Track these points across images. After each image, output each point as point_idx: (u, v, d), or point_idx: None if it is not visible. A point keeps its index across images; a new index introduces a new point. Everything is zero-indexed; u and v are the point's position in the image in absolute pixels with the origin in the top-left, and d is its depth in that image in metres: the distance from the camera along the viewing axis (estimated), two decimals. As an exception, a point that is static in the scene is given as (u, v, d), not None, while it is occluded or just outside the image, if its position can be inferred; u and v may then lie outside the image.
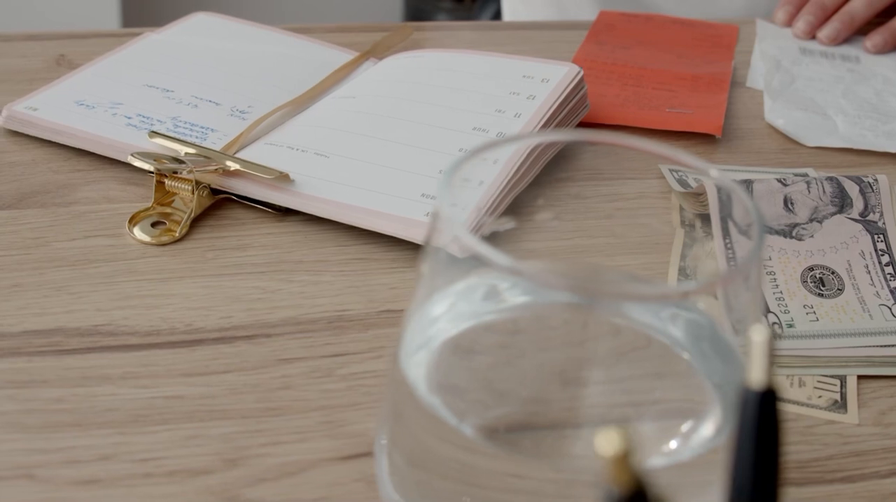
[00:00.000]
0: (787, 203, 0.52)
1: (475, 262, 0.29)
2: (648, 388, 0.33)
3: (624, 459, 0.18)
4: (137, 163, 0.52)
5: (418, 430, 0.32)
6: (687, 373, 0.34)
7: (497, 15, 1.19)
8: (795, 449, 0.43)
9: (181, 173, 0.52)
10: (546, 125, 0.58)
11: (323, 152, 0.56)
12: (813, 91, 0.71)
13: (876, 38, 0.77)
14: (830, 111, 0.68)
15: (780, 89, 0.70)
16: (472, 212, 0.51)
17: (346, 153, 0.56)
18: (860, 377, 0.46)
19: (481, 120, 0.58)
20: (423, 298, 0.32)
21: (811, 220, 0.52)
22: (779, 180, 0.53)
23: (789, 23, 0.80)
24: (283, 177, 0.53)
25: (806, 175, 0.59)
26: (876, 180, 0.53)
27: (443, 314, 0.33)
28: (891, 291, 0.49)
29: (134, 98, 0.60)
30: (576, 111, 0.62)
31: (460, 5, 2.33)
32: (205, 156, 0.54)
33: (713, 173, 0.33)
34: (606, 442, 0.18)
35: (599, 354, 0.34)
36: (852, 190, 0.53)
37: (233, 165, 0.53)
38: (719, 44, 0.77)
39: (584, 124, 0.64)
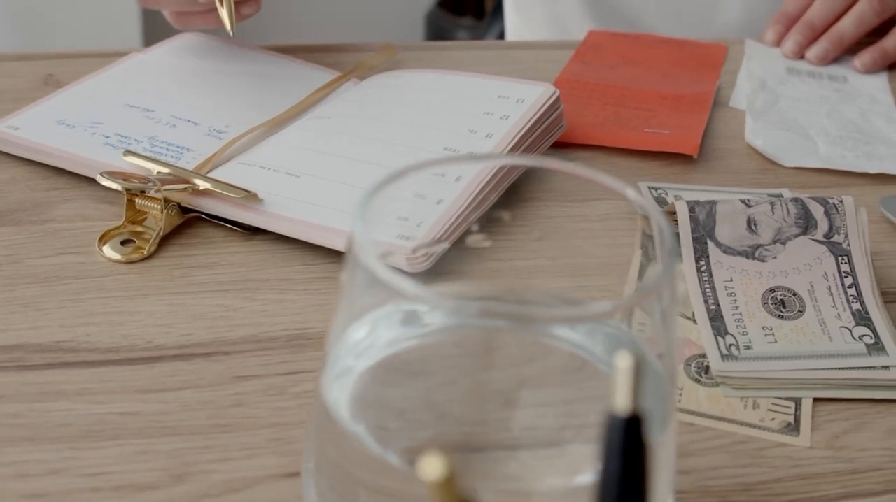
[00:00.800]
0: (751, 224, 0.52)
1: (392, 287, 0.29)
2: (570, 407, 0.34)
3: (448, 484, 0.18)
4: (105, 183, 0.53)
5: (341, 457, 0.32)
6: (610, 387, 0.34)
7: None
8: (743, 471, 0.43)
9: (149, 192, 0.53)
10: (517, 145, 0.58)
11: (294, 172, 0.57)
12: (796, 111, 0.71)
13: (865, 57, 0.77)
14: (812, 131, 0.68)
15: (763, 109, 0.70)
16: (427, 230, 0.51)
17: (317, 173, 0.57)
18: (816, 400, 0.46)
19: (453, 140, 0.59)
20: (344, 324, 0.33)
21: (774, 242, 0.52)
22: (743, 201, 0.53)
23: (779, 42, 0.79)
24: (251, 197, 0.54)
25: (780, 195, 0.59)
26: (841, 201, 0.53)
27: (363, 339, 0.34)
28: (852, 313, 0.49)
29: (113, 118, 0.61)
30: (550, 131, 0.62)
31: (480, 22, 2.34)
32: (174, 175, 0.55)
33: (629, 194, 0.34)
34: (429, 468, 0.18)
35: (521, 375, 0.34)
36: (817, 211, 0.52)
37: (202, 184, 0.54)
38: (706, 63, 0.77)
39: (560, 144, 0.64)
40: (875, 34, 0.79)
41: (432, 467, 0.18)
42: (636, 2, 0.93)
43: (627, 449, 0.22)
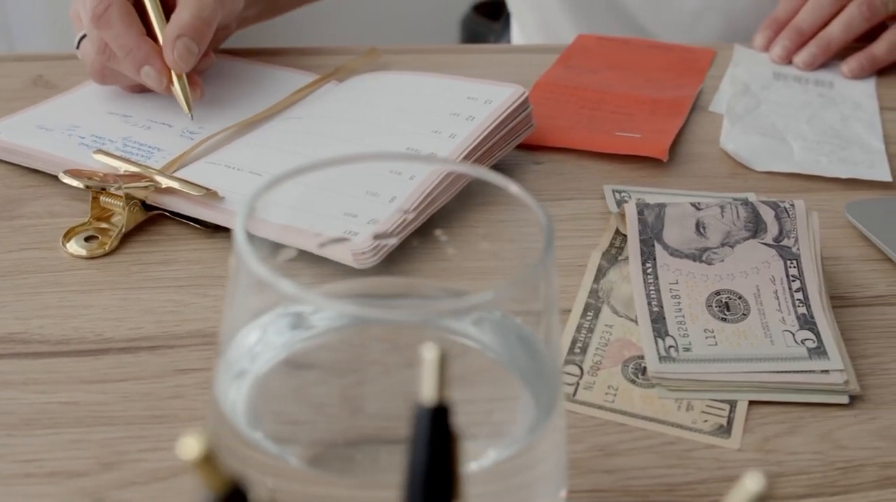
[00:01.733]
0: (700, 227, 0.52)
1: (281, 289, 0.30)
2: (464, 395, 0.34)
3: (208, 462, 0.19)
4: (67, 180, 0.54)
5: (239, 463, 0.33)
6: (500, 376, 0.35)
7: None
8: (668, 472, 0.43)
9: (110, 189, 0.54)
10: (479, 146, 0.59)
11: (257, 171, 0.58)
12: (776, 116, 0.70)
13: (853, 62, 0.76)
14: (790, 136, 0.68)
15: (742, 114, 0.70)
16: (376, 227, 0.52)
17: (279, 172, 0.57)
18: (753, 403, 0.46)
19: (417, 140, 0.59)
20: (234, 327, 0.33)
21: (723, 245, 0.52)
22: (693, 204, 0.53)
23: (768, 47, 0.79)
24: (211, 195, 0.55)
25: (746, 200, 0.59)
26: (793, 205, 0.53)
27: (254, 344, 0.34)
28: (797, 317, 0.49)
29: (91, 121, 0.63)
30: (517, 131, 0.62)
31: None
32: (139, 173, 0.56)
33: (512, 189, 0.34)
34: (185, 448, 0.19)
35: (412, 368, 0.35)
36: (767, 215, 0.52)
37: (165, 182, 0.55)
38: (692, 68, 0.77)
39: (528, 145, 0.65)
40: (864, 40, 0.78)
41: (188, 447, 0.19)
42: (613, 13, 0.93)
43: (434, 439, 0.22)
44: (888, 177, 0.63)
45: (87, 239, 0.55)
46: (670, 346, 0.47)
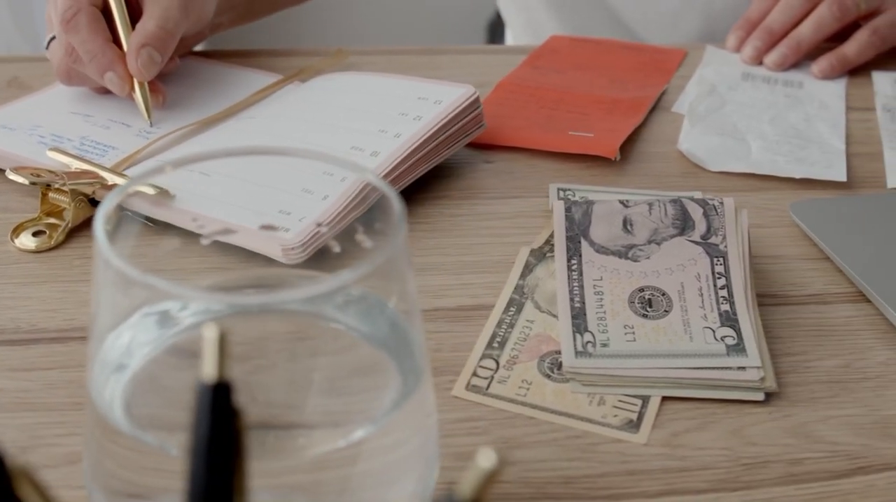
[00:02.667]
0: (627, 224, 0.52)
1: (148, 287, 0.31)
2: (329, 374, 0.35)
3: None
4: (12, 177, 0.56)
5: (120, 459, 0.34)
6: (368, 357, 0.36)
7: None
8: (569, 464, 0.43)
9: (56, 185, 0.56)
10: (424, 145, 0.60)
11: (206, 170, 0.59)
12: (739, 116, 0.70)
13: (823, 63, 0.76)
14: (749, 136, 0.68)
15: (704, 114, 0.70)
16: (308, 225, 0.53)
17: (226, 171, 0.58)
18: (668, 398, 0.47)
19: (362, 139, 0.60)
20: (106, 327, 0.34)
21: (649, 242, 0.52)
22: (621, 201, 0.53)
23: (739, 48, 0.79)
24: (162, 194, 0.56)
25: (675, 197, 0.59)
26: (721, 203, 0.53)
27: (127, 342, 0.35)
28: (720, 314, 0.49)
29: (53, 121, 0.64)
30: (466, 131, 0.63)
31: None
32: (87, 171, 0.57)
33: (369, 177, 0.35)
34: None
35: (282, 353, 0.36)
36: (696, 212, 0.53)
37: (111, 179, 0.57)
38: (661, 69, 0.77)
39: (482, 144, 0.65)
40: (838, 40, 0.78)
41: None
42: (598, 14, 0.94)
43: (215, 416, 0.23)
44: (843, 178, 0.63)
45: (35, 233, 0.57)
46: (588, 342, 0.48)
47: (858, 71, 0.77)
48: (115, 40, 0.64)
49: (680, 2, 0.91)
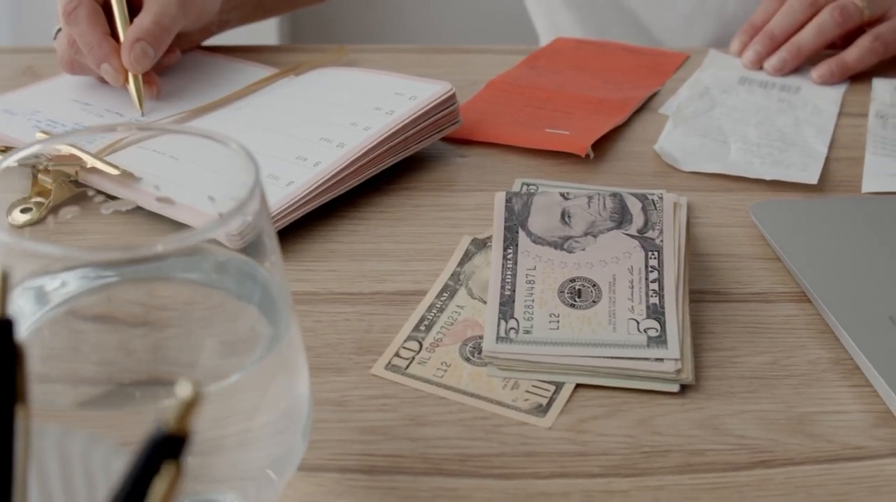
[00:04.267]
0: (565, 216, 0.53)
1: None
2: (207, 331, 0.37)
3: None
4: (-4, 157, 0.59)
5: None
6: (240, 312, 0.37)
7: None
8: (469, 444, 0.44)
9: (38, 166, 0.59)
10: (391, 138, 0.61)
11: (176, 155, 0.61)
12: (726, 119, 0.70)
13: (822, 68, 0.75)
14: (731, 139, 0.68)
15: (690, 116, 0.70)
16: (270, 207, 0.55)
17: (194, 157, 0.61)
18: (583, 386, 0.47)
19: (332, 131, 0.62)
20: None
21: (586, 234, 0.52)
22: (562, 194, 0.54)
23: (742, 52, 0.79)
24: (126, 175, 0.59)
25: (615, 191, 0.59)
26: (661, 198, 0.53)
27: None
28: (647, 307, 0.49)
29: (53, 108, 0.68)
30: (440, 125, 0.64)
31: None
32: (71, 154, 0.60)
33: (233, 146, 0.36)
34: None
35: (156, 316, 0.37)
36: (634, 206, 0.53)
37: (90, 162, 0.60)
38: (658, 71, 0.77)
39: (457, 139, 0.67)
40: (836, 47, 0.77)
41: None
42: (617, 18, 0.94)
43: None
44: (814, 181, 0.62)
45: (23, 210, 0.60)
46: (511, 328, 0.49)
47: (860, 77, 0.76)
48: (114, 33, 0.68)
49: (693, 6, 0.91)
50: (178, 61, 0.73)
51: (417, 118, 0.62)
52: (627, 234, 0.52)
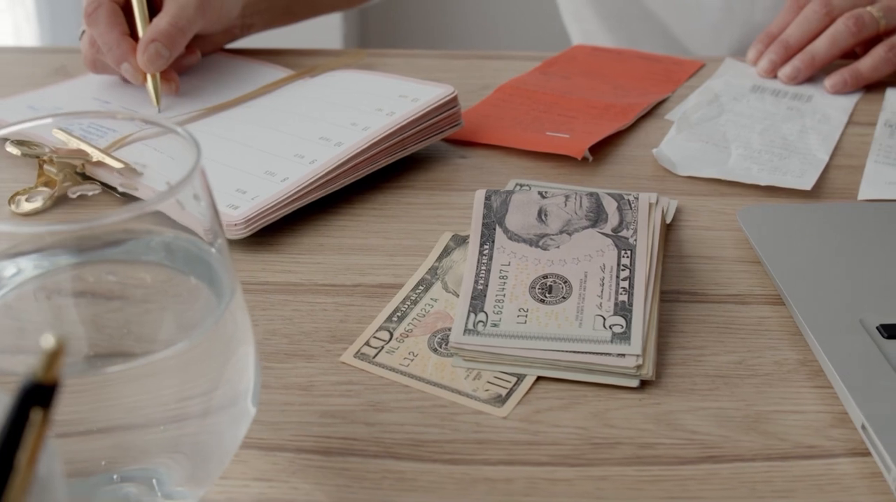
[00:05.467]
0: (541, 214, 0.54)
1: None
2: (156, 305, 0.39)
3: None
4: (9, 149, 0.62)
5: None
6: (189, 287, 0.39)
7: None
8: (424, 430, 0.45)
9: (43, 157, 0.62)
10: (387, 138, 0.63)
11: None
12: (731, 126, 0.70)
13: (836, 77, 0.75)
14: (733, 145, 0.68)
15: (695, 123, 0.71)
16: (258, 203, 0.57)
17: (203, 152, 0.63)
18: (543, 379, 0.48)
19: (331, 130, 0.64)
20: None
21: (561, 232, 0.53)
22: (540, 193, 0.55)
23: (757, 61, 0.79)
24: (128, 169, 0.61)
25: (592, 191, 0.59)
26: (636, 198, 0.54)
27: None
28: (615, 304, 0.50)
29: (74, 105, 0.71)
30: (441, 127, 0.66)
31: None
32: (79, 149, 0.63)
33: (181, 132, 0.38)
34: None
35: (106, 293, 0.39)
36: (610, 206, 0.54)
37: (95, 156, 0.62)
38: (670, 78, 0.78)
39: (460, 141, 0.68)
40: (851, 57, 0.77)
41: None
42: (646, 27, 0.94)
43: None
44: (808, 187, 0.62)
45: (28, 200, 0.63)
46: (479, 321, 0.50)
47: (875, 87, 0.76)
48: (135, 34, 0.71)
49: (721, 14, 0.91)
50: (198, 62, 0.75)
51: (416, 120, 0.64)
52: (602, 233, 0.53)
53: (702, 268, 0.56)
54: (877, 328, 0.49)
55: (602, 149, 0.68)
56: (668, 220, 0.59)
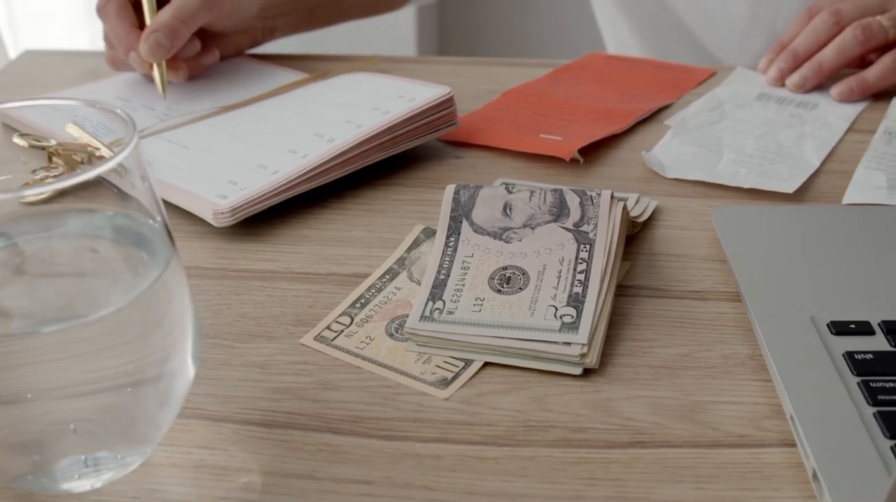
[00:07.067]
0: (507, 209, 0.55)
1: None
2: (85, 276, 0.41)
3: None
4: (16, 140, 0.66)
5: None
6: (133, 257, 0.42)
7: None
8: (366, 407, 0.47)
9: (48, 149, 0.65)
10: (379, 135, 0.65)
11: (188, 145, 0.67)
12: (728, 132, 0.71)
13: (842, 86, 0.75)
14: (726, 150, 0.68)
15: (693, 127, 0.71)
16: (246, 194, 0.59)
17: (205, 147, 0.67)
18: (491, 364, 0.49)
19: (326, 127, 0.66)
20: None
21: (524, 226, 0.55)
22: (507, 188, 0.56)
23: (767, 70, 0.79)
24: (134, 160, 0.65)
25: (556, 187, 0.60)
26: (599, 195, 0.55)
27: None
28: (569, 296, 0.51)
29: (95, 101, 0.75)
30: (435, 126, 0.68)
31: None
32: (87, 143, 0.67)
33: (119, 112, 0.41)
34: None
35: (45, 267, 0.42)
36: (573, 201, 0.55)
37: (101, 149, 0.66)
38: (678, 86, 0.78)
39: (457, 142, 0.70)
40: (860, 67, 0.76)
41: None
42: (675, 34, 0.95)
43: None
44: (790, 190, 0.62)
45: (38, 190, 0.67)
46: (436, 308, 0.51)
47: (883, 96, 0.75)
48: (143, 27, 0.74)
49: (746, 22, 0.91)
50: (216, 61, 0.79)
51: (410, 118, 0.66)
52: (563, 227, 0.54)
53: (670, 266, 0.57)
54: (827, 325, 0.49)
55: (596, 151, 0.69)
56: (645, 218, 0.60)
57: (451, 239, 0.55)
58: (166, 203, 0.63)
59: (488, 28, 2.29)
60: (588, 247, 0.53)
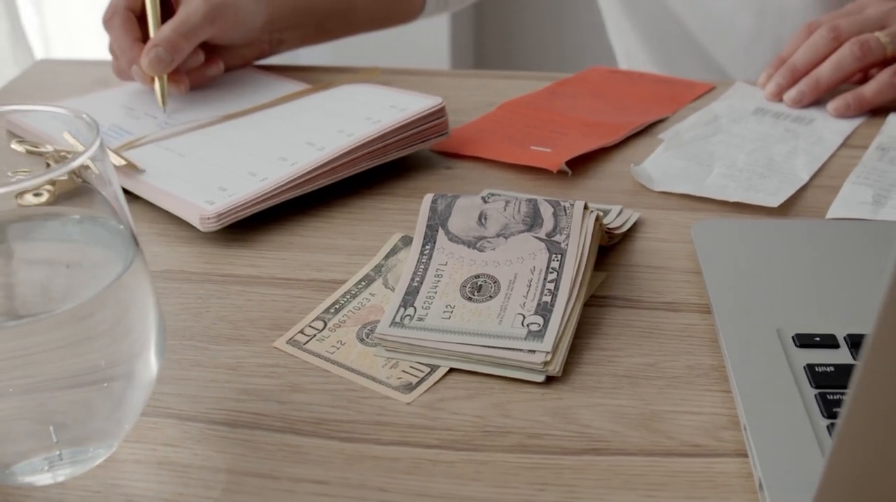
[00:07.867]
0: (482, 218, 0.56)
1: None
2: (50, 274, 0.43)
3: None
4: (14, 146, 0.68)
5: None
6: (90, 252, 0.43)
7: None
8: (329, 410, 0.48)
9: (44, 155, 0.67)
10: (368, 144, 0.66)
11: (184, 152, 0.69)
12: (721, 146, 0.71)
13: (839, 101, 0.75)
14: (717, 164, 0.68)
15: (686, 141, 0.71)
16: (233, 200, 0.61)
17: (200, 154, 0.68)
18: (457, 370, 0.50)
19: (317, 136, 0.67)
20: None
21: (498, 235, 0.55)
22: (483, 198, 0.57)
23: (765, 84, 0.79)
24: (130, 167, 0.66)
25: (531, 198, 0.60)
26: (572, 205, 0.55)
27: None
28: (538, 304, 0.52)
29: (100, 112, 0.77)
30: (426, 136, 0.69)
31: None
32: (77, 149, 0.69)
33: (84, 117, 0.42)
34: None
35: (24, 264, 0.44)
36: (546, 211, 0.55)
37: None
38: (675, 100, 0.79)
39: (449, 152, 0.71)
40: (859, 83, 0.76)
41: None
42: (683, 46, 0.95)
43: None
44: (775, 204, 0.63)
45: (35, 194, 0.68)
46: (407, 315, 0.52)
47: (880, 112, 0.75)
48: (147, 40, 0.76)
49: (752, 35, 0.92)
50: (220, 73, 0.80)
51: (400, 128, 0.67)
52: (536, 237, 0.55)
53: (646, 277, 0.57)
54: (792, 337, 0.49)
55: (586, 164, 0.70)
56: (625, 230, 0.61)
57: (427, 247, 0.56)
58: (158, 208, 0.65)
59: (524, 40, 2.29)
60: (559, 256, 0.54)
